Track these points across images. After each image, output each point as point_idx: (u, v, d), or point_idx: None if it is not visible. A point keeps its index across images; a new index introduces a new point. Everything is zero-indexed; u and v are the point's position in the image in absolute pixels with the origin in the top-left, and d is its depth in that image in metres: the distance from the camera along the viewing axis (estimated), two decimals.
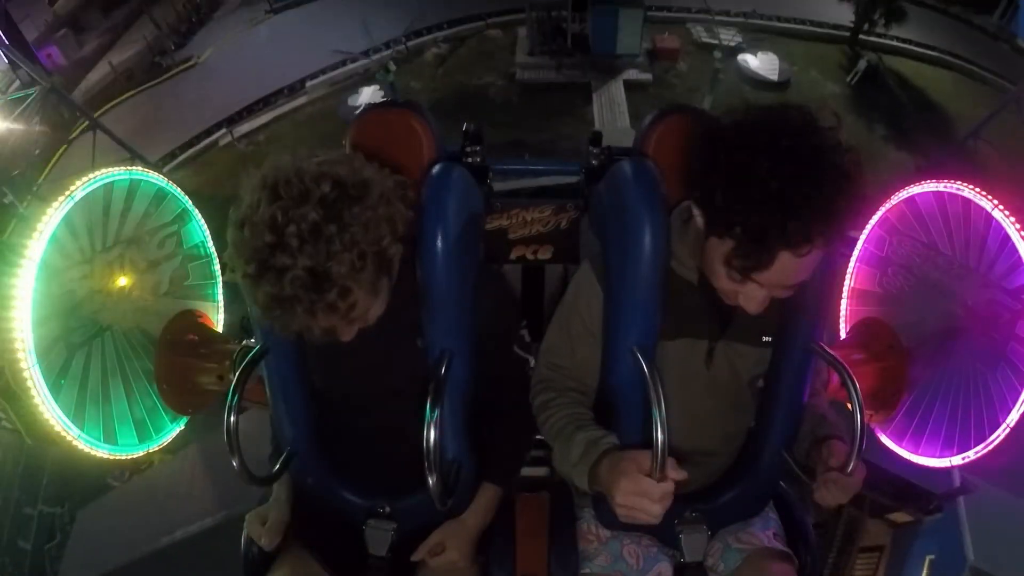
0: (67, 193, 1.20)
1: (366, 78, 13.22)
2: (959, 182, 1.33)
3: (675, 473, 1.06)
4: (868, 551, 4.74)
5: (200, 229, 1.49)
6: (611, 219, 1.25)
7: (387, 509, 1.38)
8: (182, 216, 1.45)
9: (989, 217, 1.26)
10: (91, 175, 1.24)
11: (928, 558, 4.26)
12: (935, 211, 1.36)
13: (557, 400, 1.33)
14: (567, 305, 1.34)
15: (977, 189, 1.29)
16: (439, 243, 1.22)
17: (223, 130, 10.32)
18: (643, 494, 1.07)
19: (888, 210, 1.44)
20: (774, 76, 13.60)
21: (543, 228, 1.66)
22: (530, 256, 1.70)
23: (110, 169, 1.29)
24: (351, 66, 13.34)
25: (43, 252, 1.14)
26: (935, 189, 1.36)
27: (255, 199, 1.00)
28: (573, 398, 1.33)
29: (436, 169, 1.29)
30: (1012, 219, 1.23)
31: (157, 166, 9.12)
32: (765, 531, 1.42)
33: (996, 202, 1.25)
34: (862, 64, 13.48)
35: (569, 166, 1.61)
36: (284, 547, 1.43)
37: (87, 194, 1.23)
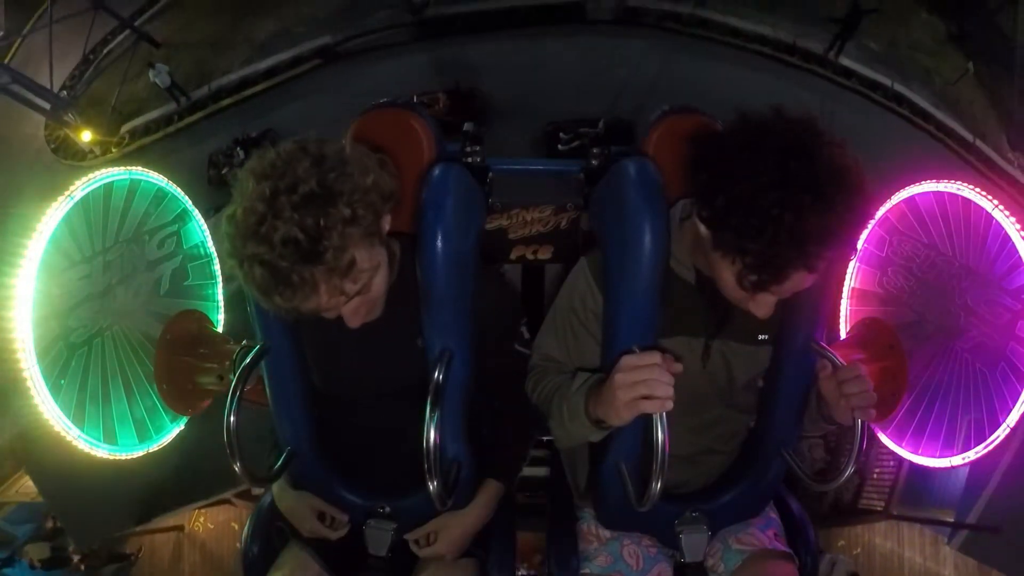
0: (67, 193, 1.20)
1: None
2: (959, 183, 1.33)
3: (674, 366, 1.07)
4: None
5: (200, 229, 1.49)
6: (611, 219, 1.25)
7: (387, 509, 1.38)
8: (182, 216, 1.45)
9: (989, 217, 1.26)
10: (91, 175, 1.25)
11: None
12: (935, 211, 1.36)
13: (551, 373, 1.34)
14: (562, 303, 1.34)
15: (977, 189, 1.29)
16: (439, 243, 1.22)
17: None
18: (649, 364, 1.05)
19: (888, 210, 1.44)
20: None
21: (543, 228, 1.65)
22: (530, 256, 1.70)
23: (110, 169, 1.29)
24: None
25: (43, 252, 1.15)
26: (935, 189, 1.36)
27: (246, 187, 1.01)
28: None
29: (436, 169, 1.29)
30: (1012, 219, 1.23)
31: (129, 21, 8.90)
32: (765, 531, 1.42)
33: (996, 202, 1.25)
34: None
35: (569, 166, 1.61)
36: (284, 547, 1.43)
37: (87, 194, 1.23)
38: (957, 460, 1.31)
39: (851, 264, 1.50)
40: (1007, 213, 1.23)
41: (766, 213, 0.94)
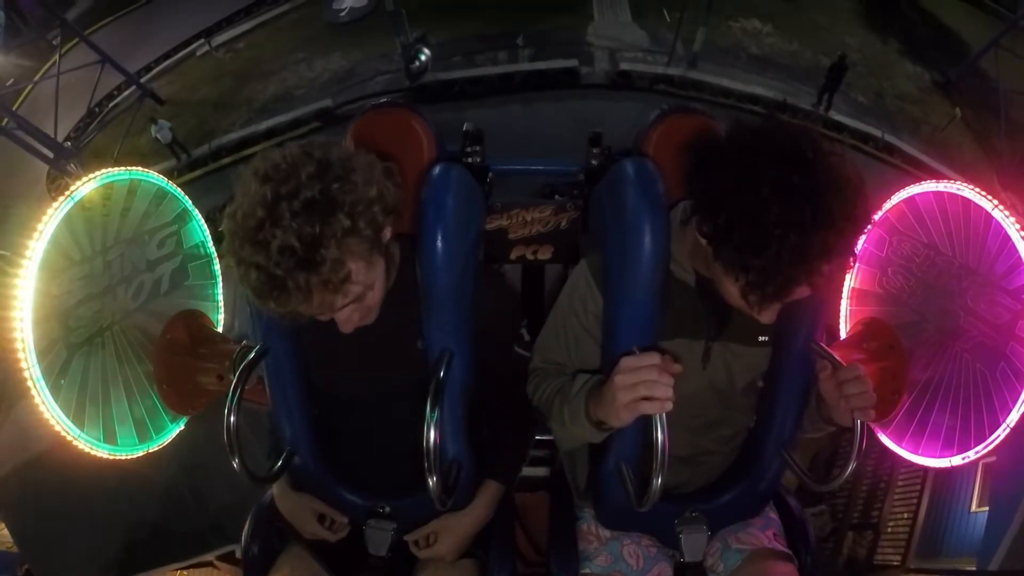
0: (67, 193, 1.20)
1: None
2: (959, 182, 1.33)
3: (674, 367, 1.07)
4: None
5: (200, 229, 1.49)
6: (611, 219, 1.25)
7: (387, 509, 1.39)
8: (182, 216, 1.45)
9: (989, 217, 1.26)
10: (91, 175, 1.25)
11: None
12: (935, 211, 1.36)
13: (551, 376, 1.34)
14: (563, 304, 1.34)
15: (977, 189, 1.29)
16: (439, 243, 1.22)
17: (201, 40, 10.30)
18: (648, 365, 1.05)
19: (888, 210, 1.44)
20: None
21: (543, 228, 1.66)
22: (530, 256, 1.71)
23: (110, 169, 1.29)
24: None
25: (43, 252, 1.14)
26: (935, 189, 1.36)
27: (248, 187, 1.00)
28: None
29: (436, 169, 1.29)
30: (1012, 219, 1.22)
31: (135, 77, 9.23)
32: (765, 531, 1.42)
33: (996, 202, 1.25)
34: None
35: (569, 166, 1.62)
36: (284, 547, 1.43)
37: (87, 194, 1.23)
38: (957, 460, 1.30)
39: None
40: (1007, 213, 1.23)
41: (768, 231, 0.93)
